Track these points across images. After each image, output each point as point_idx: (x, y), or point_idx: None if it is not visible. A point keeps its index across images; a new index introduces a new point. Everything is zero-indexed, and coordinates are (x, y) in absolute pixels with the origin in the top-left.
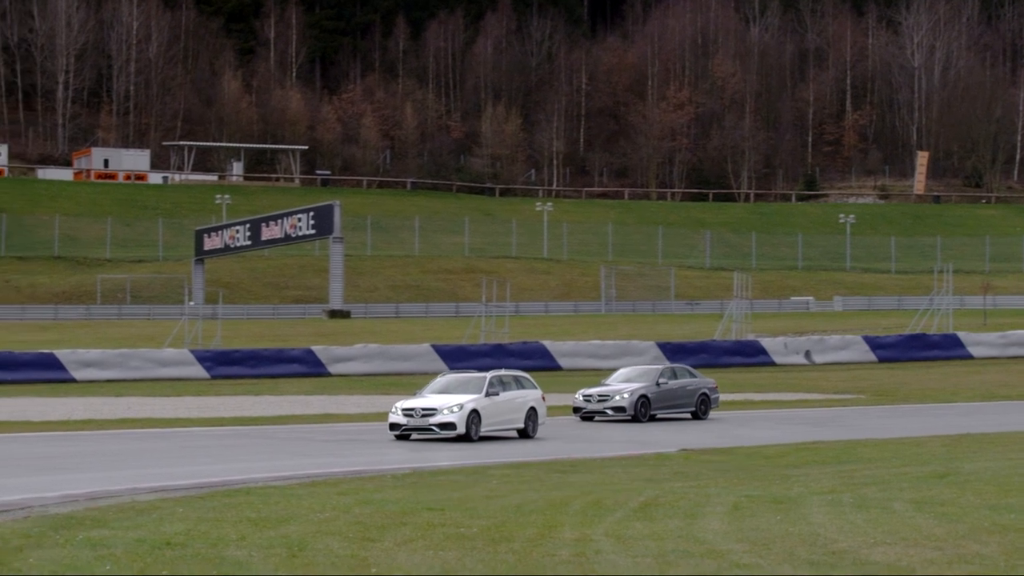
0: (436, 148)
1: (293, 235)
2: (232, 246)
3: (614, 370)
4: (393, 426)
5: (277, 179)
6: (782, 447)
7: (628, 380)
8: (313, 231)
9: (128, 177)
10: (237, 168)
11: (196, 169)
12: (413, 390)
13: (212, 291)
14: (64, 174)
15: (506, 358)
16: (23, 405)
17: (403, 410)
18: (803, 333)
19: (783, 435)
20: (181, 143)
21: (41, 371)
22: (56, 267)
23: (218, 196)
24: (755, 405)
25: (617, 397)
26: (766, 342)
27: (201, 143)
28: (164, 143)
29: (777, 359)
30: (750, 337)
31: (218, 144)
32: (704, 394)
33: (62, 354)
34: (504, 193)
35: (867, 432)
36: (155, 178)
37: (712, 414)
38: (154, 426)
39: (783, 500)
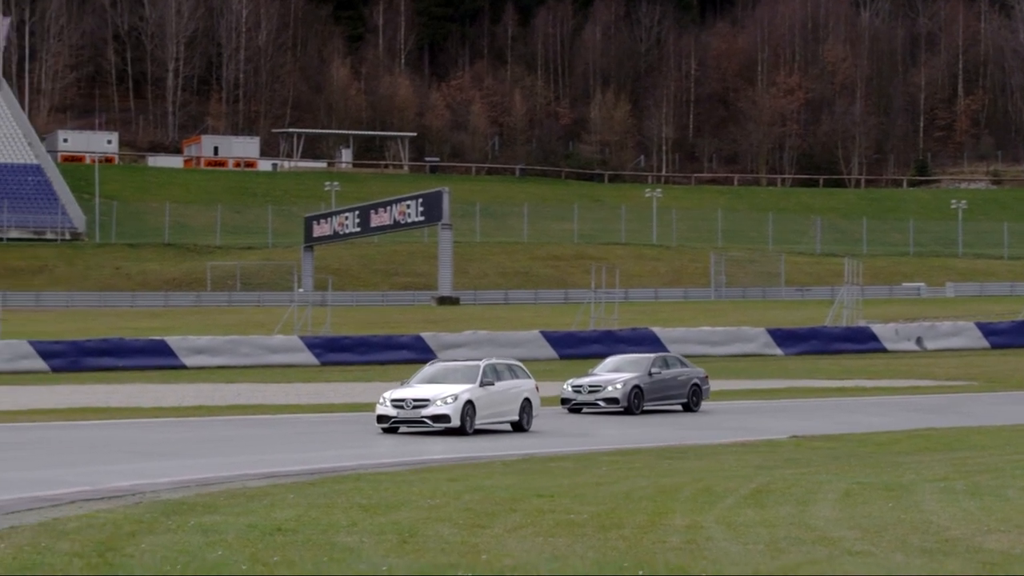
0: (545, 134)
1: (402, 222)
2: (341, 233)
3: (725, 357)
4: (381, 418)
5: (386, 166)
6: (894, 434)
7: (618, 370)
8: (422, 218)
9: (238, 164)
10: (346, 155)
11: (305, 156)
12: (401, 379)
13: (321, 278)
14: (174, 162)
15: (615, 344)
16: (134, 391)
17: (392, 401)
18: (915, 319)
19: (894, 422)
20: (290, 130)
21: (152, 358)
22: (166, 254)
23: (327, 183)
24: (866, 392)
25: (610, 388)
26: (877, 328)
27: (310, 130)
28: (273, 130)
29: (888, 345)
30: (861, 323)
31: (327, 131)
32: (696, 384)
33: (173, 341)
34: (613, 179)
35: (980, 419)
36: (264, 165)
37: (705, 404)
38: (264, 412)
39: (895, 487)
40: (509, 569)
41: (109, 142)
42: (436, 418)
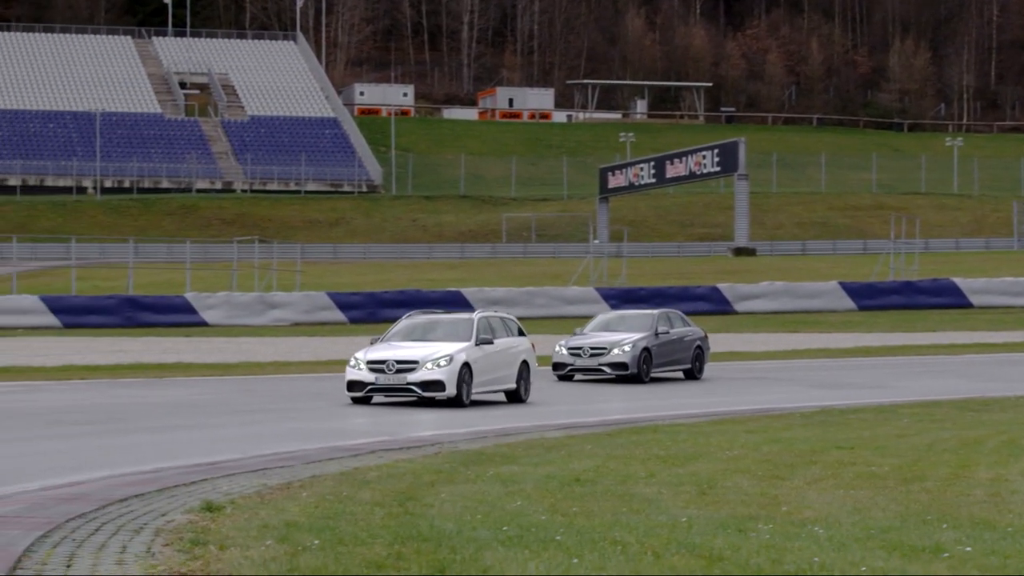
0: (842, 83)
1: (698, 172)
2: (636, 184)
3: None
4: (353, 385)
5: (681, 116)
6: None
7: (610, 328)
8: (718, 168)
9: (532, 116)
10: (641, 106)
11: (600, 107)
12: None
13: (616, 229)
14: (469, 114)
15: (915, 295)
16: None
17: (369, 364)
18: None
19: None
20: (585, 81)
21: (448, 308)
22: (462, 206)
23: (622, 134)
24: None
25: (616, 351)
26: None
27: (605, 81)
28: (568, 82)
29: None
30: None
31: (622, 82)
32: (699, 347)
33: (468, 292)
34: (912, 128)
35: None
36: (559, 117)
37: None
38: None
39: None
40: (810, 521)
41: (405, 95)
42: (427, 385)
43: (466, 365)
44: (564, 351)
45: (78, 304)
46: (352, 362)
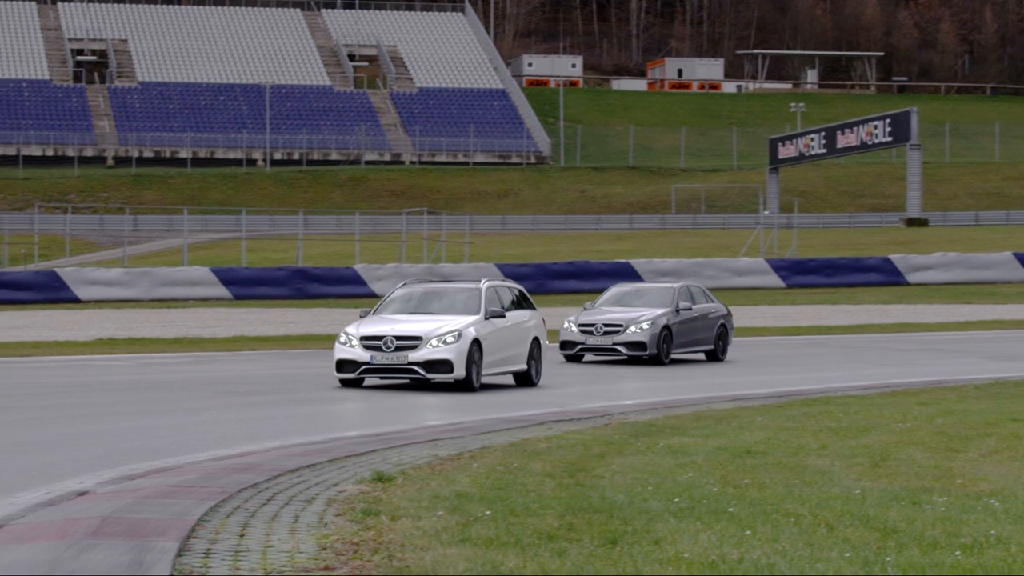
0: (1017, 52)
1: (869, 143)
2: (807, 154)
3: None
4: (344, 365)
5: (852, 86)
6: None
7: (626, 303)
8: (889, 138)
9: (702, 87)
10: (811, 76)
11: (770, 77)
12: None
13: (787, 200)
14: (638, 84)
15: None
16: None
17: (363, 340)
18: None
19: None
20: (755, 51)
21: (616, 280)
22: (631, 177)
23: (792, 104)
24: None
25: (633, 328)
26: None
27: (775, 51)
28: (737, 52)
29: None
30: None
31: (792, 52)
32: (723, 325)
33: (638, 263)
34: None
35: None
36: (728, 87)
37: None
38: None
39: None
40: (985, 494)
41: (573, 66)
42: (432, 365)
43: (476, 342)
44: (574, 328)
45: (248, 276)
46: (342, 338)
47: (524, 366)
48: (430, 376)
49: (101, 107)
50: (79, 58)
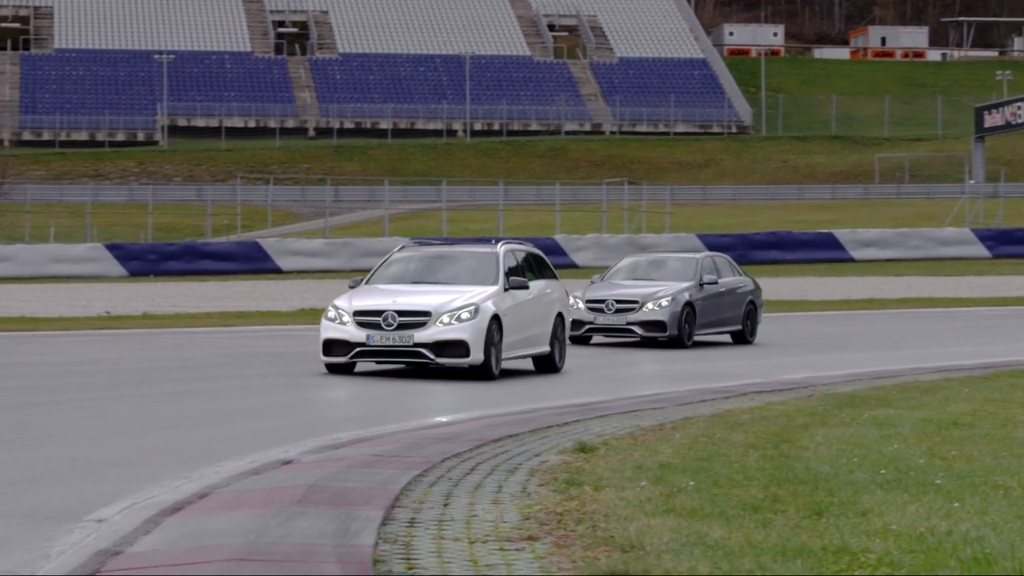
0: None
1: None
2: (1014, 123)
3: None
4: (333, 346)
5: None
6: None
7: (641, 276)
8: None
9: (905, 55)
10: (1019, 43)
11: (975, 45)
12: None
13: (993, 169)
14: (840, 53)
15: None
16: (802, 284)
17: (358, 316)
18: None
19: None
20: (960, 19)
21: (819, 250)
22: (833, 147)
23: (998, 72)
24: None
25: (650, 305)
26: None
27: (980, 19)
28: (942, 19)
29: None
30: None
31: (998, 19)
32: (751, 302)
33: (840, 234)
34: None
35: None
36: (933, 55)
37: None
38: (934, 305)
39: None
40: None
41: (775, 35)
42: (442, 347)
43: (495, 319)
44: (581, 305)
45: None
46: (331, 313)
47: (547, 348)
48: (440, 361)
49: (302, 79)
50: (280, 30)
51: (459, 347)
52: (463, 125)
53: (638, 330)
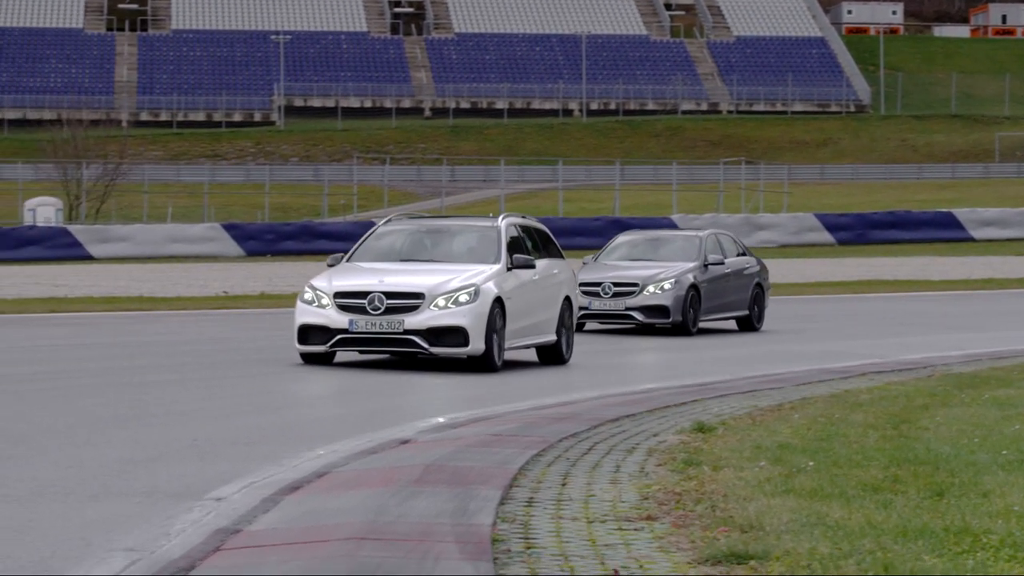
0: None
1: None
2: None
3: None
4: (310, 332)
5: None
6: None
7: (640, 256)
8: None
9: None
10: None
11: None
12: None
13: None
14: (960, 31)
15: None
16: (921, 264)
17: (338, 298)
18: None
19: None
20: None
21: (938, 230)
22: (953, 125)
23: None
24: None
25: (651, 288)
26: None
27: None
28: None
29: None
30: None
31: None
32: (758, 285)
33: (960, 213)
34: None
35: None
36: None
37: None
38: None
39: None
40: None
41: (894, 13)
42: (437, 335)
43: (498, 302)
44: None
45: (564, 226)
46: (307, 295)
47: (553, 336)
48: (435, 350)
49: (418, 59)
50: (396, 10)
51: (457, 334)
52: (579, 105)
53: (638, 316)
